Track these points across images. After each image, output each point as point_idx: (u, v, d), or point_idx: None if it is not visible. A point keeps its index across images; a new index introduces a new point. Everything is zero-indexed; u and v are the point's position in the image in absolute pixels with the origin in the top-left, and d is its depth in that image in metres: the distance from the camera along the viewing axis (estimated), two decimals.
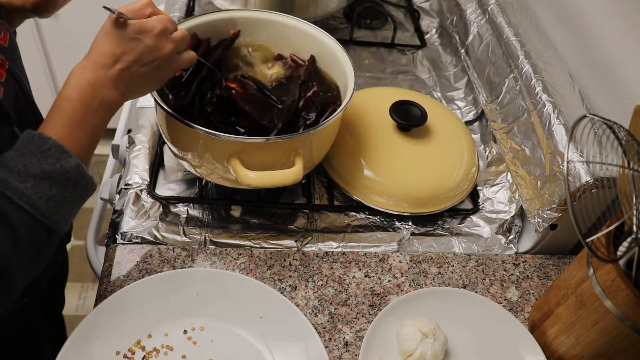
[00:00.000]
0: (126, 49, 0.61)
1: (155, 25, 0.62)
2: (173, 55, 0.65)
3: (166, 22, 0.64)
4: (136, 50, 0.62)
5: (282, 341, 0.69)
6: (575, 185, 0.73)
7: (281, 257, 0.79)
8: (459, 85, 1.10)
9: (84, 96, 0.60)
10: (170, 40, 0.64)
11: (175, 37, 0.65)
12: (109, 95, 0.62)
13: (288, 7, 1.05)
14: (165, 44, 0.63)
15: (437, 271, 0.80)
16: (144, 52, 0.62)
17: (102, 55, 0.61)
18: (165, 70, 0.66)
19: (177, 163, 0.87)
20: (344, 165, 0.87)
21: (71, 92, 0.60)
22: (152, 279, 0.72)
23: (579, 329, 0.65)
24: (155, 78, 0.66)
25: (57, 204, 0.57)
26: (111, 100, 0.62)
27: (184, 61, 0.68)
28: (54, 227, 0.57)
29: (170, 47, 0.64)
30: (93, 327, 0.67)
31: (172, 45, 0.64)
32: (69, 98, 0.60)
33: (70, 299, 1.77)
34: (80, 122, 0.60)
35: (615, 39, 0.86)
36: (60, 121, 0.59)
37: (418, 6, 1.30)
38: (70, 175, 0.57)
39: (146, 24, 0.62)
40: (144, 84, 0.65)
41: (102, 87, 0.61)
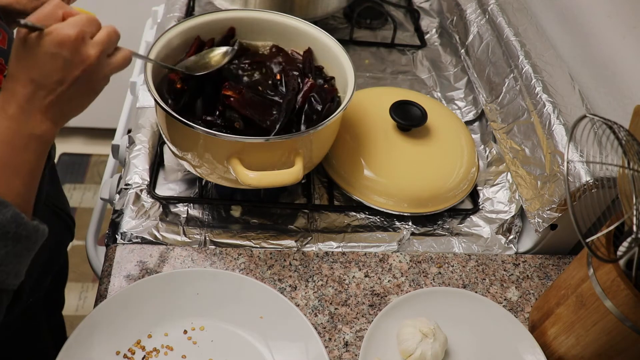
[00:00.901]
0: (44, 70, 0.52)
1: (70, 33, 0.53)
2: (100, 62, 0.56)
3: (83, 24, 0.54)
4: (56, 68, 0.53)
5: (282, 341, 0.69)
6: (575, 185, 0.73)
7: (281, 257, 0.79)
8: (459, 85, 1.10)
9: (8, 135, 0.53)
10: (92, 45, 0.55)
11: (100, 39, 0.56)
12: (37, 128, 0.54)
13: (288, 7, 1.05)
14: (89, 51, 0.54)
15: (437, 271, 0.80)
16: (65, 70, 0.53)
17: (20, 83, 0.53)
18: (97, 81, 0.57)
19: (177, 163, 0.87)
20: (344, 165, 0.87)
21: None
22: (152, 279, 0.72)
23: (579, 329, 0.65)
24: (86, 93, 0.57)
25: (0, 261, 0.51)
26: (41, 132, 0.54)
27: (117, 64, 0.59)
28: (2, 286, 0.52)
29: (95, 54, 0.55)
30: (93, 327, 0.67)
31: (98, 50, 0.55)
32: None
33: (70, 299, 1.77)
34: (10, 166, 0.53)
35: (615, 39, 0.86)
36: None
37: (418, 6, 1.30)
38: (9, 228, 0.51)
39: (59, 33, 0.52)
40: (75, 104, 0.57)
41: (27, 121, 0.53)
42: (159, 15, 1.21)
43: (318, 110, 0.77)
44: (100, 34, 0.56)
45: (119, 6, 1.72)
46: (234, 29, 0.86)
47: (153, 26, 1.26)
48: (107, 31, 0.56)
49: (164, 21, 1.11)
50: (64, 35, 0.52)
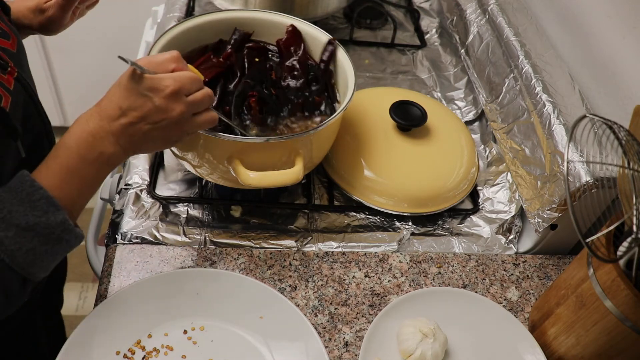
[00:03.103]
0: (133, 105, 0.58)
1: (169, 85, 0.58)
2: (184, 117, 0.60)
3: (184, 81, 0.59)
4: (143, 107, 0.58)
5: (282, 341, 0.69)
6: (575, 185, 0.73)
7: (281, 257, 0.79)
8: (459, 85, 1.10)
9: (82, 145, 0.58)
10: (183, 102, 0.60)
11: (192, 100, 0.61)
12: (108, 148, 0.59)
13: (288, 7, 1.05)
14: (176, 106, 0.59)
15: (437, 271, 0.80)
16: (151, 111, 0.58)
17: (109, 106, 0.59)
18: (174, 132, 0.62)
19: (177, 163, 0.87)
20: (344, 165, 0.87)
21: (70, 140, 0.58)
22: (152, 279, 0.72)
23: (579, 329, 0.65)
24: (161, 138, 0.62)
25: (36, 256, 0.55)
26: (110, 153, 0.59)
27: (200, 124, 0.63)
28: (29, 277, 0.55)
29: (180, 110, 0.59)
30: (93, 327, 0.67)
31: (183, 108, 0.60)
32: (67, 146, 0.58)
33: (70, 299, 1.77)
34: (74, 173, 0.58)
35: (615, 39, 0.86)
36: (54, 169, 0.57)
37: (418, 6, 1.30)
38: (55, 230, 0.55)
39: (160, 82, 0.58)
40: (147, 142, 0.61)
41: (103, 138, 0.58)
42: (159, 15, 1.22)
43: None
44: (195, 95, 0.61)
45: (119, 6, 1.72)
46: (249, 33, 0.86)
47: (153, 26, 1.26)
48: (202, 94, 0.62)
49: (164, 21, 1.11)
50: (163, 85, 0.58)
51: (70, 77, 1.99)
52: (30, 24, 0.82)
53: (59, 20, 0.82)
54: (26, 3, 0.82)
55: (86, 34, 1.76)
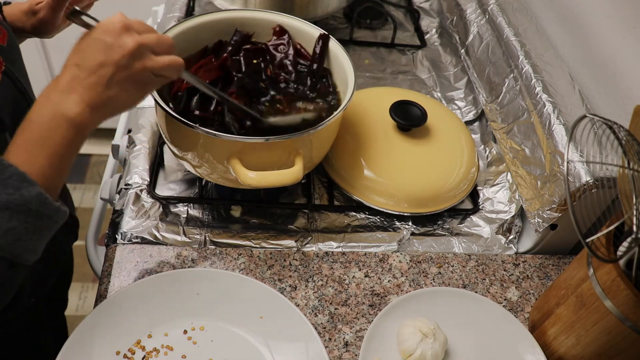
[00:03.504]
0: (86, 54, 0.55)
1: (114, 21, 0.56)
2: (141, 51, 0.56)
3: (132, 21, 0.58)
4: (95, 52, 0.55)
5: (282, 341, 0.69)
6: (575, 185, 0.73)
7: (281, 257, 0.79)
8: (459, 85, 1.10)
9: (43, 114, 0.55)
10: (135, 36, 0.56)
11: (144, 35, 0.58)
12: (71, 109, 0.55)
13: (288, 7, 1.05)
14: (128, 39, 0.56)
15: (437, 271, 0.80)
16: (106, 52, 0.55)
17: (65, 70, 0.56)
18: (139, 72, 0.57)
19: (177, 163, 0.87)
20: (344, 165, 0.87)
21: (32, 113, 0.56)
22: (152, 279, 0.72)
23: (579, 329, 0.65)
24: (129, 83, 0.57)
25: (17, 236, 0.53)
26: (73, 114, 0.55)
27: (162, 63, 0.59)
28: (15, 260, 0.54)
29: (134, 41, 0.56)
30: (93, 327, 0.67)
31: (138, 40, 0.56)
32: (30, 118, 0.55)
33: (71, 299, 1.76)
34: (41, 145, 0.55)
35: (615, 39, 0.86)
36: (21, 144, 0.55)
37: (418, 6, 1.30)
38: (31, 205, 0.52)
39: (106, 22, 0.56)
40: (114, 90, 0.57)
41: (63, 100, 0.55)
42: (159, 15, 1.21)
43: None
44: (148, 33, 0.58)
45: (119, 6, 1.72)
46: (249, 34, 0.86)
47: (153, 26, 1.26)
48: (157, 35, 0.59)
49: (164, 21, 1.11)
50: (109, 23, 0.56)
51: None
52: (24, 27, 0.82)
53: (50, 22, 0.82)
54: (20, 6, 0.82)
55: None
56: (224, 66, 0.80)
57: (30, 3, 0.82)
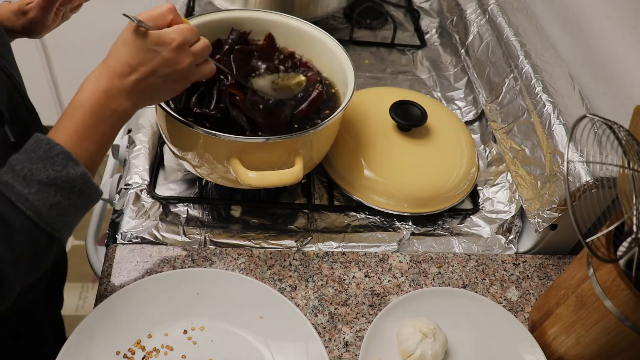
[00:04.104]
0: (143, 60, 0.60)
1: (175, 38, 0.61)
2: (191, 68, 0.64)
3: (187, 33, 0.62)
4: (153, 62, 0.61)
5: (282, 341, 0.69)
6: (575, 185, 0.73)
7: (281, 257, 0.79)
8: (459, 85, 1.10)
9: (96, 104, 0.59)
10: (189, 53, 0.63)
11: (195, 50, 0.64)
12: (121, 104, 0.61)
13: (288, 7, 1.05)
14: (184, 58, 0.62)
15: (437, 271, 0.80)
16: (161, 65, 0.61)
17: (118, 64, 0.61)
18: (180, 82, 0.65)
19: (177, 163, 0.87)
20: (344, 165, 0.87)
21: (84, 99, 0.60)
22: (152, 279, 0.72)
23: (579, 329, 0.65)
24: (169, 89, 0.65)
25: (61, 211, 0.56)
26: (123, 110, 0.61)
27: (202, 74, 0.67)
28: (55, 234, 0.56)
29: (188, 61, 0.63)
30: (93, 327, 0.67)
31: (191, 59, 0.63)
32: (81, 105, 0.59)
33: (70, 299, 1.77)
34: (90, 131, 0.59)
35: (615, 39, 0.86)
36: (70, 128, 0.59)
37: (418, 6, 1.30)
38: (76, 183, 0.56)
39: (166, 36, 0.61)
40: (157, 94, 0.65)
41: (116, 96, 0.60)
42: None
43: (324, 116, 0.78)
44: (196, 45, 0.64)
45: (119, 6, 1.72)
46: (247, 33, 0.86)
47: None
48: (202, 44, 0.65)
49: None
50: (170, 38, 0.61)
51: (70, 77, 1.99)
52: (14, 27, 0.82)
53: (40, 22, 0.82)
54: (9, 6, 0.82)
55: (86, 34, 1.76)
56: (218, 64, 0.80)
57: (20, 3, 0.82)
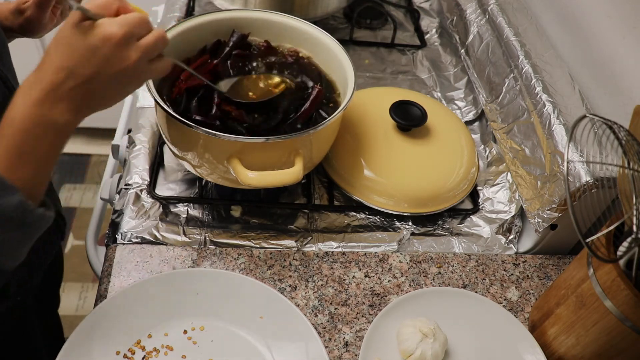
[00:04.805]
0: (80, 62, 0.51)
1: (116, 31, 0.51)
2: (140, 65, 0.54)
3: (132, 25, 0.52)
4: (92, 63, 0.51)
5: (282, 341, 0.69)
6: (575, 185, 0.73)
7: (281, 257, 0.79)
8: (459, 85, 1.10)
9: (28, 120, 0.51)
10: (136, 48, 0.53)
11: (145, 44, 0.54)
12: (59, 118, 0.52)
13: (288, 7, 1.05)
14: (129, 54, 0.52)
15: (437, 271, 0.80)
16: (103, 65, 0.51)
17: (52, 68, 0.51)
18: (130, 83, 0.56)
19: (177, 163, 0.87)
20: (344, 165, 0.87)
21: (14, 115, 0.51)
22: (152, 279, 0.72)
23: (579, 329, 0.65)
24: (117, 92, 0.56)
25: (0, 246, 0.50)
26: (62, 123, 0.52)
27: (156, 72, 0.57)
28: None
29: (134, 57, 0.53)
30: (93, 327, 0.67)
31: (138, 55, 0.53)
32: (11, 122, 0.51)
33: (70, 299, 1.77)
34: (24, 152, 0.51)
35: (615, 39, 0.86)
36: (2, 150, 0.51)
37: (418, 6, 1.30)
38: (13, 214, 0.50)
39: (105, 30, 0.51)
40: (103, 100, 0.55)
41: (51, 108, 0.51)
42: (159, 15, 1.21)
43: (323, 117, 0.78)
44: (147, 38, 0.54)
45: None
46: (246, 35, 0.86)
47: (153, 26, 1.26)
48: (154, 36, 0.55)
49: (164, 21, 1.12)
50: (110, 32, 0.51)
51: None
52: (12, 26, 0.82)
53: (37, 21, 0.81)
54: (7, 5, 0.82)
55: None
56: (215, 72, 0.80)
57: (18, 2, 0.81)
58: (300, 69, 0.84)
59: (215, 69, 0.80)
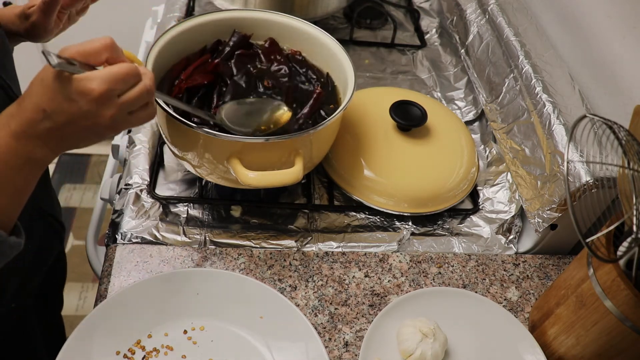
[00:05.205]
0: (58, 108, 0.51)
1: (94, 88, 0.51)
2: (117, 119, 0.54)
3: (115, 81, 0.52)
4: (69, 112, 0.52)
5: (282, 341, 0.69)
6: (575, 185, 0.73)
7: (281, 257, 0.79)
8: (459, 85, 1.10)
9: (5, 152, 0.52)
10: (113, 105, 0.53)
11: (126, 99, 0.54)
12: (35, 153, 0.53)
13: (288, 7, 1.05)
14: (106, 111, 0.53)
15: (437, 271, 0.80)
16: (78, 117, 0.52)
17: (31, 107, 0.52)
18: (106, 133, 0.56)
19: (177, 163, 0.87)
20: (344, 165, 0.87)
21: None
22: (152, 279, 0.72)
23: (579, 329, 0.65)
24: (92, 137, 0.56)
25: None
26: (39, 157, 0.54)
27: (136, 123, 0.57)
28: None
29: (110, 114, 0.53)
30: (93, 327, 0.67)
31: (114, 111, 0.53)
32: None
33: (70, 299, 1.77)
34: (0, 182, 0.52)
35: (615, 39, 0.86)
36: None
37: (418, 6, 1.30)
38: None
39: (85, 85, 0.51)
40: (78, 142, 0.56)
41: (28, 143, 0.52)
42: (159, 15, 1.22)
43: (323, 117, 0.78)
44: (128, 94, 0.54)
45: (119, 6, 1.72)
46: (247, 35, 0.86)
47: (153, 26, 1.26)
48: (137, 91, 0.54)
49: (164, 21, 1.12)
50: (88, 89, 0.51)
51: None
52: (18, 30, 0.82)
53: (42, 26, 0.81)
54: (14, 9, 0.82)
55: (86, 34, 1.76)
56: (217, 71, 0.80)
57: (24, 7, 0.81)
58: (301, 69, 0.84)
59: (216, 69, 0.80)
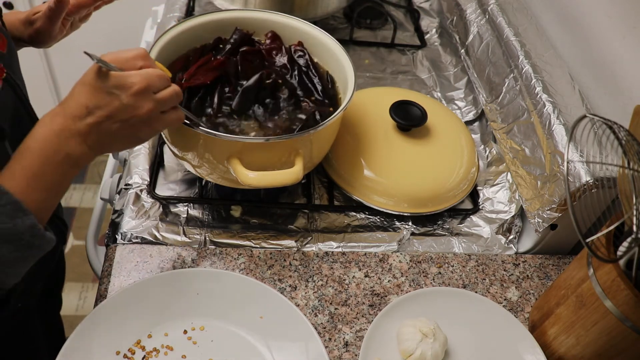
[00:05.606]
0: (100, 103, 0.56)
1: (136, 82, 0.57)
2: (153, 115, 0.59)
3: (152, 79, 0.58)
4: (110, 105, 0.56)
5: (282, 341, 0.69)
6: (575, 185, 0.73)
7: (281, 257, 0.79)
8: (459, 85, 1.10)
9: (47, 147, 0.55)
10: (151, 99, 0.58)
11: (161, 97, 0.59)
12: (75, 149, 0.57)
13: (288, 7, 1.05)
14: (144, 104, 0.58)
15: (437, 271, 0.80)
16: (118, 109, 0.57)
17: (74, 104, 0.57)
18: (143, 130, 0.60)
19: (177, 163, 0.87)
20: (344, 165, 0.87)
21: (34, 142, 0.56)
22: (152, 279, 0.72)
23: (579, 329, 0.65)
24: (130, 136, 0.60)
25: (6, 264, 0.53)
26: (77, 155, 0.57)
27: (168, 122, 0.62)
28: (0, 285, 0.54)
29: (148, 107, 0.58)
30: (93, 327, 0.67)
31: (152, 106, 0.58)
32: (31, 148, 0.55)
33: (70, 299, 1.77)
34: (40, 177, 0.55)
35: (615, 39, 0.86)
36: (19, 173, 0.55)
37: (418, 6, 1.30)
38: (24, 236, 0.53)
39: (126, 79, 0.56)
40: (116, 141, 0.60)
41: (68, 139, 0.56)
42: (159, 15, 1.22)
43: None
44: (163, 92, 0.59)
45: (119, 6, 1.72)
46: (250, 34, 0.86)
47: (153, 26, 1.26)
48: (170, 91, 0.60)
49: (164, 21, 1.12)
50: (130, 82, 0.56)
51: (70, 77, 1.99)
52: (21, 36, 0.83)
53: (47, 32, 0.82)
54: (18, 15, 0.83)
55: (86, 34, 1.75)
56: (222, 68, 0.80)
57: (28, 13, 0.82)
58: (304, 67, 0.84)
59: (220, 66, 0.80)
